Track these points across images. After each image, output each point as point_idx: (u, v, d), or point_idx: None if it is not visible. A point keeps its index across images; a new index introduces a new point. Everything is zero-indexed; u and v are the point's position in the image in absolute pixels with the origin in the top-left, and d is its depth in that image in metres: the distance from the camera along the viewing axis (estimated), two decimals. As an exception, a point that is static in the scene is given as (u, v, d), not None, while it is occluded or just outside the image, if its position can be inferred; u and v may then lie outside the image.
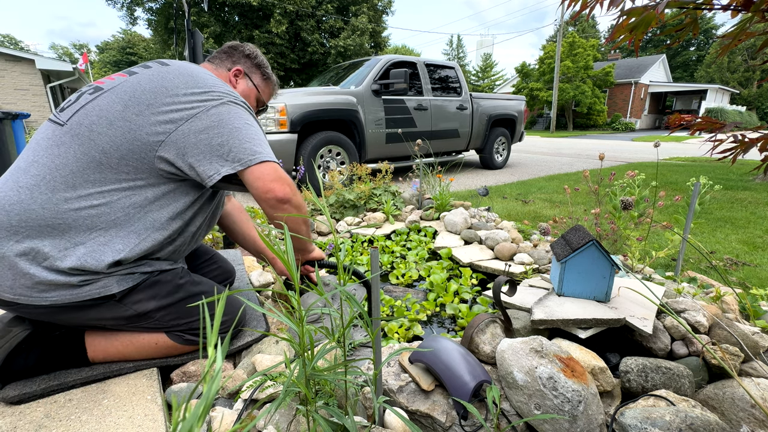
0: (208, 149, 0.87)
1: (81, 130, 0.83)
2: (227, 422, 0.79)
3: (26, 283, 0.79)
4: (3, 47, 10.12)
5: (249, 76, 1.14)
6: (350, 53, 15.20)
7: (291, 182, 0.95)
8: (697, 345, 1.00)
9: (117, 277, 0.86)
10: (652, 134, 17.44)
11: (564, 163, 6.77)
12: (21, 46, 35.12)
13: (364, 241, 2.22)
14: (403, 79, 4.00)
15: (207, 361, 0.31)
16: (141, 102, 0.85)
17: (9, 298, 0.80)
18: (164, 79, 0.89)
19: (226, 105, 0.90)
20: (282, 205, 0.92)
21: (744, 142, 0.88)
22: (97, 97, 0.87)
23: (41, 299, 0.81)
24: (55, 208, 0.80)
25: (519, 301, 1.16)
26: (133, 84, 0.87)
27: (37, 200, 0.79)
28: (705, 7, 0.88)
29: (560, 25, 18.41)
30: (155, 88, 0.87)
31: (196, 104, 0.88)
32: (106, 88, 0.89)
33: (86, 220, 0.82)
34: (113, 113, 0.84)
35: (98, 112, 0.84)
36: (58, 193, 0.80)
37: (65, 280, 0.81)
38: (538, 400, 0.79)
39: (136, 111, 0.84)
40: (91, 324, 0.93)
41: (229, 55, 1.13)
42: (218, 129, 0.87)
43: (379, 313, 0.79)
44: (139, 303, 0.90)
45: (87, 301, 0.84)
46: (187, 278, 0.99)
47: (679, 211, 1.69)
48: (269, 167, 0.91)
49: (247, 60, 1.15)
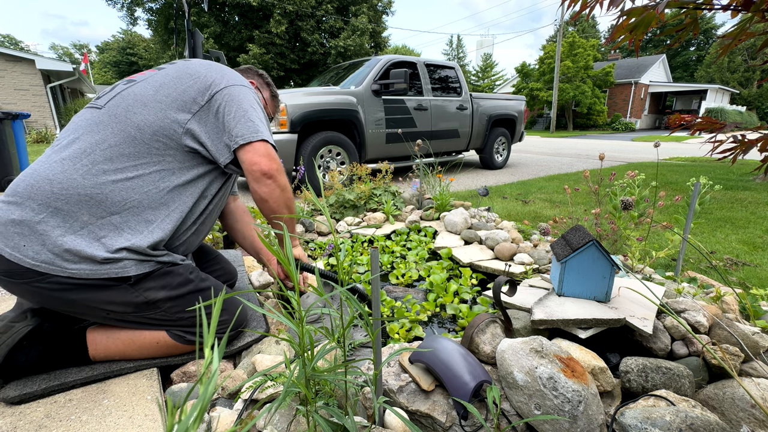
0: (223, 125, 0.99)
1: (118, 111, 0.94)
2: (227, 422, 0.79)
3: (54, 250, 0.83)
4: (3, 47, 10.12)
5: (260, 90, 1.29)
6: (350, 53, 15.20)
7: (279, 163, 1.04)
8: (697, 345, 1.00)
9: (135, 261, 0.90)
10: (652, 134, 17.43)
11: (564, 163, 6.77)
12: (21, 46, 35.14)
13: (364, 241, 2.22)
14: (403, 79, 3.99)
15: (204, 362, 0.31)
16: (169, 86, 0.98)
17: (30, 264, 0.82)
18: (188, 66, 1.03)
19: (237, 87, 1.03)
20: (265, 179, 1.01)
21: (744, 143, 0.88)
22: (131, 86, 0.99)
23: (61, 270, 0.83)
24: (95, 179, 0.88)
25: (519, 301, 1.16)
26: (162, 74, 1.01)
27: (79, 170, 0.87)
28: (705, 7, 0.88)
29: (560, 25, 18.41)
30: (180, 75, 1.00)
31: (214, 85, 1.00)
32: (138, 80, 1.01)
33: (122, 192, 0.90)
34: (147, 96, 0.96)
35: (133, 96, 0.96)
36: (98, 165, 0.89)
37: (91, 253, 0.85)
38: (538, 400, 0.79)
39: (165, 93, 0.97)
40: (98, 310, 0.92)
41: (245, 72, 1.31)
42: (230, 106, 0.99)
43: (380, 313, 0.79)
44: (150, 290, 0.93)
45: (104, 279, 0.87)
46: (197, 274, 1.04)
47: (679, 211, 1.69)
48: (262, 144, 1.01)
49: (259, 78, 1.32)
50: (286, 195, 1.07)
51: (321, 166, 3.82)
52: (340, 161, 3.98)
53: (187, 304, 0.99)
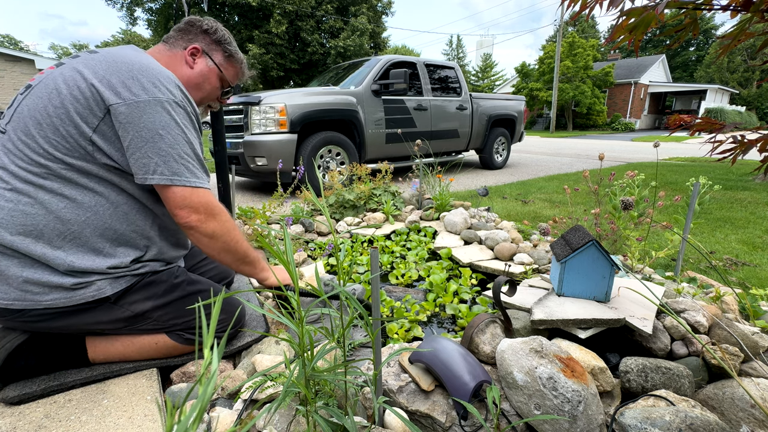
0: (133, 151, 0.82)
1: (18, 135, 0.80)
2: (227, 422, 0.79)
3: (20, 287, 0.79)
4: (3, 47, 10.11)
5: (208, 54, 1.02)
6: (350, 53, 15.20)
7: (204, 208, 0.88)
8: (696, 345, 1.00)
9: (109, 279, 0.86)
10: (651, 134, 17.44)
11: (564, 163, 6.77)
12: (21, 46, 35.12)
13: (364, 241, 2.22)
14: (403, 79, 4.00)
15: (203, 362, 0.31)
16: (61, 93, 0.80)
17: (3, 305, 0.79)
18: (86, 63, 0.82)
19: (141, 104, 0.80)
20: (187, 230, 0.89)
21: (743, 143, 0.88)
22: (26, 96, 0.83)
23: (36, 303, 0.80)
24: (23, 216, 0.78)
25: (519, 301, 1.16)
26: (55, 75, 0.82)
27: (4, 208, 0.78)
28: (704, 8, 0.88)
29: (560, 25, 18.42)
30: (73, 77, 0.80)
31: (108, 99, 0.80)
32: (33, 84, 0.85)
33: (57, 225, 0.80)
34: (39, 111, 0.80)
35: (27, 112, 0.80)
36: (22, 198, 0.78)
37: (58, 281, 0.81)
38: (538, 400, 0.79)
39: (57, 104, 0.79)
40: (90, 329, 0.92)
41: (185, 32, 1.01)
42: (140, 133, 0.81)
43: (380, 313, 0.79)
44: (135, 304, 0.90)
45: (82, 304, 0.84)
46: (184, 277, 0.99)
47: (679, 211, 1.69)
48: (180, 190, 0.85)
49: (205, 36, 1.02)
50: (219, 243, 0.92)
51: (321, 166, 3.82)
52: (340, 161, 3.98)
53: (177, 310, 0.96)
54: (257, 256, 1.03)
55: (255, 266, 1.02)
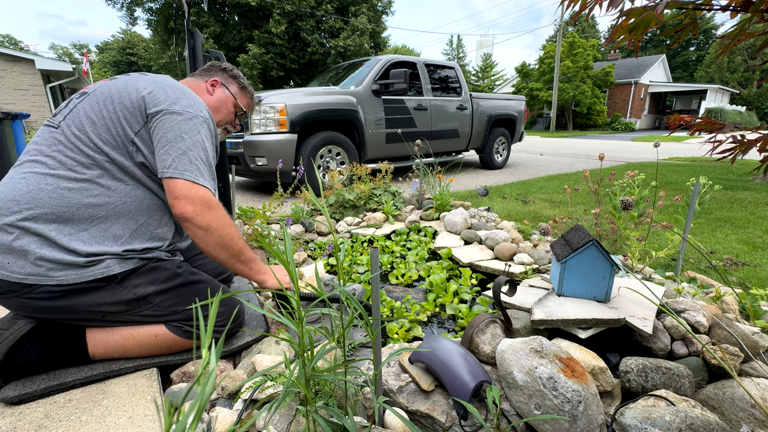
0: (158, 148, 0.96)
1: (73, 129, 0.94)
2: (227, 422, 0.79)
3: (36, 262, 0.86)
4: (3, 47, 10.11)
5: (225, 86, 1.25)
6: (350, 53, 15.19)
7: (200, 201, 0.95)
8: (697, 345, 1.00)
9: (118, 259, 0.93)
10: (652, 134, 17.44)
11: (564, 163, 6.76)
12: (21, 46, 35.13)
13: (364, 241, 2.21)
14: (403, 79, 3.99)
15: (201, 362, 0.31)
16: (115, 101, 0.96)
17: (17, 279, 0.85)
18: (137, 81, 1.01)
19: (175, 114, 0.97)
20: (183, 222, 0.96)
21: (743, 143, 0.88)
22: (82, 100, 0.98)
23: (49, 278, 0.86)
24: (60, 197, 0.89)
25: (519, 301, 1.16)
26: (110, 86, 0.99)
27: (44, 190, 0.89)
28: (704, 8, 0.88)
29: (560, 25, 18.42)
30: (127, 90, 0.98)
31: (156, 109, 0.97)
32: (89, 91, 1.00)
33: (88, 209, 0.91)
34: (95, 113, 0.95)
35: (84, 113, 0.95)
36: (63, 183, 0.90)
37: (72, 259, 0.88)
38: (538, 400, 0.79)
39: (111, 108, 0.96)
40: (93, 312, 0.94)
41: (207, 70, 1.28)
42: (166, 134, 0.96)
43: (380, 313, 0.79)
44: (138, 287, 0.96)
45: (91, 282, 0.90)
46: (185, 268, 1.06)
47: (679, 211, 1.69)
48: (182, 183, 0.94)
49: (223, 72, 1.27)
50: (214, 236, 0.97)
51: (321, 166, 3.82)
52: (340, 161, 3.98)
53: (178, 296, 1.00)
54: (253, 256, 1.07)
55: (250, 266, 1.06)
